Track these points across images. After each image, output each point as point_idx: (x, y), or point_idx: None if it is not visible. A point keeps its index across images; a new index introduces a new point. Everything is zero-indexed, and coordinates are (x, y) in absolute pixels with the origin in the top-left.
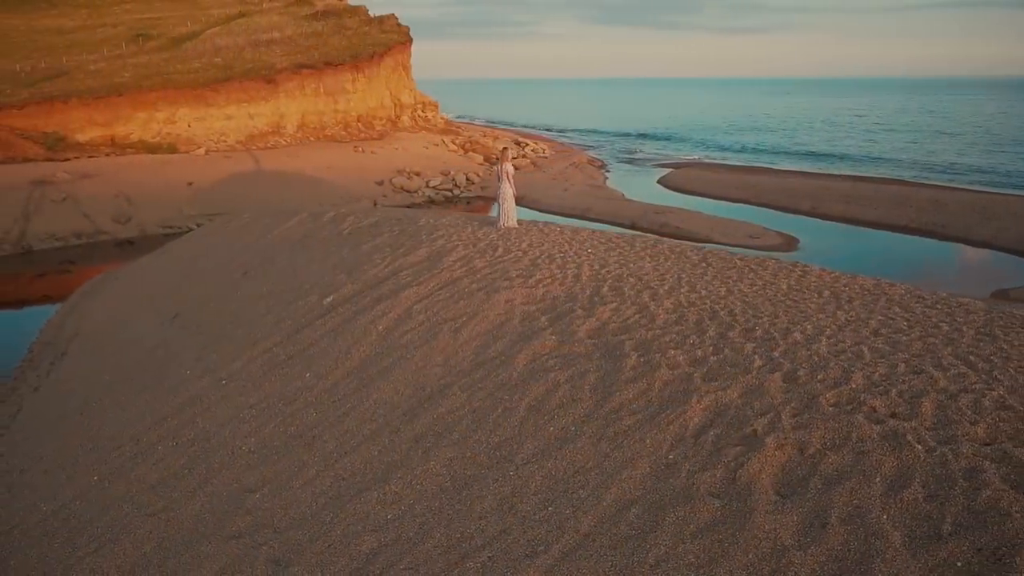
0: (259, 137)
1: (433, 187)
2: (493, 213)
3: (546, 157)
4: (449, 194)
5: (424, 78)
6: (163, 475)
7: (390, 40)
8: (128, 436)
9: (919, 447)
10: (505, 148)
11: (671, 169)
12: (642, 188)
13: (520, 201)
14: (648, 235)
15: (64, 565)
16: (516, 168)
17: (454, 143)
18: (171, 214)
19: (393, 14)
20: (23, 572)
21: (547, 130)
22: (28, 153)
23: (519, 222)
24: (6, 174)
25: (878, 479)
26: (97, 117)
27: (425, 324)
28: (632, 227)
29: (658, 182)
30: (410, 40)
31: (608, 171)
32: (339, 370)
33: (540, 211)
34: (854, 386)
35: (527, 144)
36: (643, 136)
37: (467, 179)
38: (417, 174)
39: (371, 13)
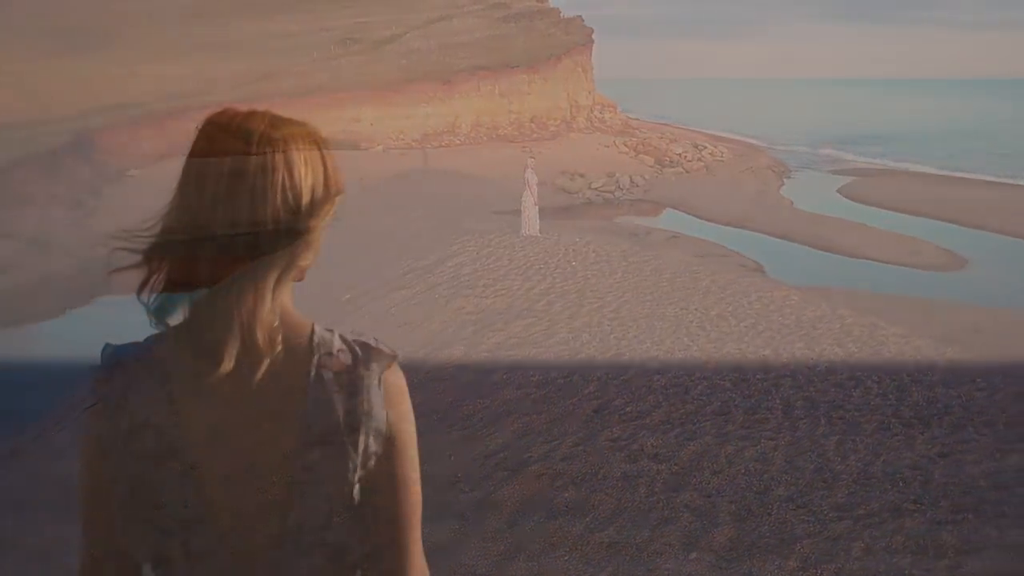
0: (434, 136)
1: (595, 188)
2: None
3: (723, 161)
4: (610, 196)
5: (634, 77)
6: None
7: (571, 42)
8: None
9: (641, 491)
10: (528, 158)
11: (855, 178)
12: (817, 197)
13: (678, 206)
14: (648, 251)
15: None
16: (687, 171)
17: (626, 145)
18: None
19: (580, 16)
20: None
21: (740, 133)
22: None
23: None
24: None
25: (577, 515)
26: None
27: (386, 327)
28: (784, 238)
29: (838, 191)
30: (591, 42)
31: (788, 178)
32: None
33: (696, 217)
34: (648, 422)
35: (705, 147)
36: (846, 141)
37: (631, 181)
38: (581, 175)
39: (563, 15)
